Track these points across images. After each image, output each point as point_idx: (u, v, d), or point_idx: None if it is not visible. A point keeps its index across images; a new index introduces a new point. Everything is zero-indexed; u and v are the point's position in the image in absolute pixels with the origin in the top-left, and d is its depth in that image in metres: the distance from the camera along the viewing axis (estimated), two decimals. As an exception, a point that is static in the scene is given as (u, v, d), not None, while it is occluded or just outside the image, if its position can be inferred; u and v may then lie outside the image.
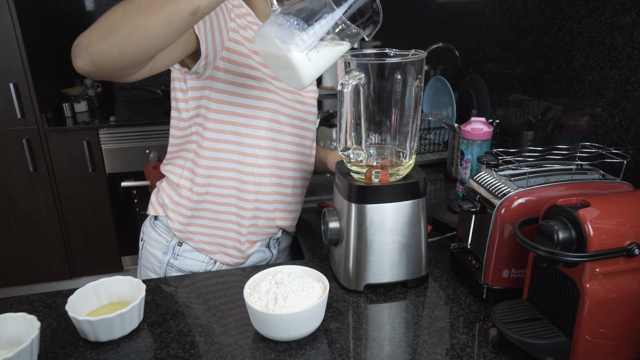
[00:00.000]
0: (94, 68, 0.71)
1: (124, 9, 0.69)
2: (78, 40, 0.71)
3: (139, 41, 0.69)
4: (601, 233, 0.65)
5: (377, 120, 0.89)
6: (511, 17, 1.41)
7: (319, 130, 2.20)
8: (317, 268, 1.00)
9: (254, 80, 0.99)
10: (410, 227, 0.88)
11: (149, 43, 0.70)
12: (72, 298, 0.81)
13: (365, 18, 0.74)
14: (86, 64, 0.70)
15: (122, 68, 0.73)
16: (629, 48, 1.00)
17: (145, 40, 0.70)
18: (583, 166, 0.89)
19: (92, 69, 0.71)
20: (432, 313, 0.85)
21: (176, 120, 1.05)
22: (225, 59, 0.95)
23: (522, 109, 1.39)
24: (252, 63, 0.98)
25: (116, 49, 0.69)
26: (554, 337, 0.70)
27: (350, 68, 0.83)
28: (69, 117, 2.64)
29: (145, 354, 0.76)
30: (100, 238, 2.70)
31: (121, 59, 0.71)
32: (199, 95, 0.99)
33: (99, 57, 0.70)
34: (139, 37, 0.69)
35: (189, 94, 0.99)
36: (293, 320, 0.75)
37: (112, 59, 0.70)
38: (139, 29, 0.69)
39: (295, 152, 1.10)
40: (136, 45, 0.70)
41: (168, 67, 0.89)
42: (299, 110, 1.08)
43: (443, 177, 1.54)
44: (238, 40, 0.96)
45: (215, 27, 0.90)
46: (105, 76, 0.74)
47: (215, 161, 1.02)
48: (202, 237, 1.07)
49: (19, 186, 2.52)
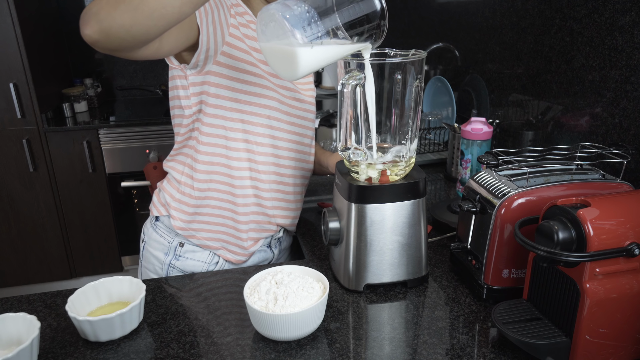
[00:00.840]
0: (103, 36, 0.68)
1: None
2: (87, 7, 0.68)
3: (152, 9, 0.66)
4: (601, 233, 0.65)
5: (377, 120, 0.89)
6: (511, 17, 1.41)
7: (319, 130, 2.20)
8: (317, 268, 1.00)
9: (253, 77, 0.99)
10: (410, 227, 0.88)
11: (162, 12, 0.67)
12: (72, 298, 0.81)
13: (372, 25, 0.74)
14: (94, 32, 0.67)
15: (132, 39, 0.70)
16: (629, 48, 1.00)
17: (158, 9, 0.67)
18: (583, 166, 0.89)
19: (100, 37, 0.68)
20: (432, 313, 0.85)
21: (179, 117, 1.05)
22: (226, 54, 0.95)
23: (522, 109, 1.39)
24: (251, 59, 0.98)
25: (128, 17, 0.66)
26: (554, 337, 0.70)
27: (350, 68, 0.83)
28: (69, 117, 2.64)
29: (145, 354, 0.76)
30: (100, 238, 2.70)
31: (132, 27, 0.67)
32: (199, 90, 0.99)
33: (109, 25, 0.66)
34: (152, 5, 0.66)
35: (191, 90, 0.99)
36: (293, 320, 0.75)
37: (122, 27, 0.67)
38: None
39: (294, 150, 1.10)
40: (148, 13, 0.67)
41: (171, 54, 0.89)
42: (297, 109, 1.08)
43: (443, 177, 1.54)
44: (238, 36, 0.96)
45: (217, 22, 0.90)
46: (113, 47, 0.71)
47: (213, 157, 1.02)
48: (205, 233, 1.07)
49: (19, 186, 2.52)
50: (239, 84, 0.98)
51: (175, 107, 1.05)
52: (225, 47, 0.95)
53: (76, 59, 3.00)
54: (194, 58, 0.92)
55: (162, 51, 0.84)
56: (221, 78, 0.97)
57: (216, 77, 0.97)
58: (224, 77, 0.97)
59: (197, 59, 0.92)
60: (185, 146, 1.06)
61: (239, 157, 1.03)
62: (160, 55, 0.85)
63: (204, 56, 0.92)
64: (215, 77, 0.97)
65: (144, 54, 0.78)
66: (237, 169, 1.03)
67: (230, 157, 1.02)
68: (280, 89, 1.04)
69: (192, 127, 1.03)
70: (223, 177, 1.04)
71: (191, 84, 0.99)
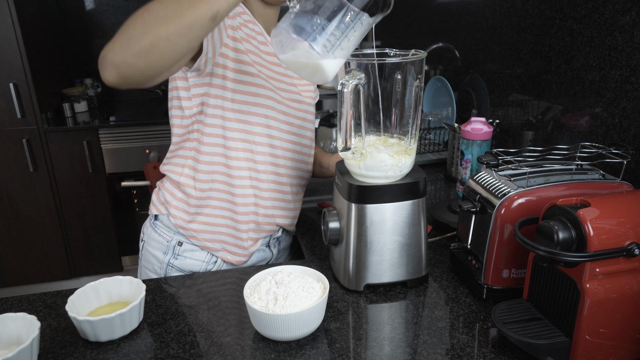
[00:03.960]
0: (121, 80, 0.73)
1: (143, 19, 0.71)
2: (103, 53, 0.73)
3: (162, 52, 0.71)
4: (601, 233, 0.65)
5: (377, 120, 0.89)
6: (511, 17, 1.41)
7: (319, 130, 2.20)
8: (317, 268, 1.00)
9: (250, 77, 1.00)
10: (410, 227, 0.88)
11: (172, 52, 0.72)
12: (72, 298, 0.81)
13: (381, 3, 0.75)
14: (113, 77, 0.72)
15: (148, 78, 0.75)
16: (629, 48, 1.00)
17: (168, 50, 0.71)
18: (583, 166, 0.89)
19: (119, 81, 0.73)
20: (432, 313, 0.85)
21: (178, 119, 1.05)
22: (224, 55, 0.96)
23: (522, 109, 1.39)
24: (248, 60, 0.99)
25: (141, 61, 0.71)
26: (554, 337, 0.70)
27: (350, 68, 0.83)
28: (69, 117, 2.64)
29: (145, 354, 0.76)
30: (100, 238, 2.70)
31: (147, 70, 0.72)
32: (201, 92, 0.99)
33: (125, 70, 0.72)
34: (162, 47, 0.71)
35: (192, 92, 1.00)
36: (293, 320, 0.75)
37: (137, 71, 0.72)
38: (162, 40, 0.70)
39: (293, 150, 1.10)
40: (159, 55, 0.71)
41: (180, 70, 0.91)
42: (296, 109, 1.08)
43: (443, 177, 1.54)
44: (235, 37, 0.97)
45: None
46: (131, 86, 0.76)
47: (214, 156, 1.03)
48: (205, 234, 1.07)
49: (19, 186, 2.52)
50: (237, 85, 0.99)
51: (174, 108, 1.05)
52: (223, 49, 0.96)
53: (76, 59, 3.00)
54: (196, 63, 0.92)
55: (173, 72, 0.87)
56: (221, 79, 0.98)
57: (217, 78, 0.98)
58: (223, 79, 0.98)
59: (199, 64, 0.93)
60: (182, 148, 1.06)
61: (238, 156, 1.03)
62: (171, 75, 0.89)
63: (204, 59, 0.93)
64: (216, 78, 0.98)
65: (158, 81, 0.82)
66: (236, 168, 1.03)
67: (229, 157, 1.03)
68: (279, 90, 1.04)
69: (191, 128, 1.03)
70: (223, 176, 1.04)
71: (192, 85, 0.99)
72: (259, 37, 1.03)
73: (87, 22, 2.95)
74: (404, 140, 0.89)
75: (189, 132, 1.04)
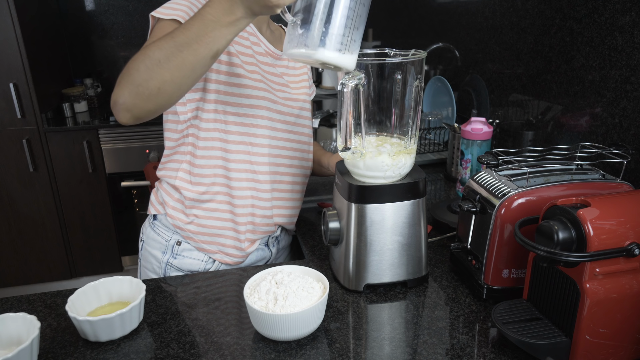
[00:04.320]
0: (135, 120, 0.81)
1: (146, 65, 0.75)
2: (114, 98, 0.79)
3: (169, 93, 0.78)
4: (601, 233, 0.65)
5: (377, 120, 0.89)
6: (511, 17, 1.41)
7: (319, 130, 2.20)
8: (317, 268, 1.00)
9: (245, 79, 1.00)
10: (410, 227, 0.88)
11: (179, 92, 0.79)
12: (72, 298, 0.81)
13: None
14: (128, 119, 0.80)
15: (160, 112, 0.83)
16: (629, 48, 1.00)
17: (175, 91, 0.78)
18: (583, 166, 0.89)
19: (134, 121, 0.81)
20: (432, 313, 0.85)
21: (173, 123, 1.05)
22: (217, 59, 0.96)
23: (522, 109, 1.39)
24: (238, 62, 1.00)
25: (151, 104, 0.78)
26: (554, 337, 0.70)
27: (350, 68, 0.83)
28: (69, 117, 2.64)
29: (145, 354, 0.76)
30: (100, 238, 2.70)
31: (157, 109, 0.80)
32: (196, 97, 1.00)
33: (138, 112, 0.79)
34: (169, 90, 0.77)
35: (187, 97, 1.00)
36: (293, 320, 0.75)
37: (149, 111, 0.80)
38: (168, 84, 0.76)
39: (292, 148, 1.10)
40: (168, 97, 0.78)
41: None
42: (291, 107, 1.09)
43: (443, 177, 1.54)
44: None
45: None
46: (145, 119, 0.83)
47: (211, 159, 1.03)
48: (202, 236, 1.07)
49: (19, 186, 2.52)
50: (232, 88, 1.00)
51: (169, 113, 1.05)
52: None
53: (76, 59, 3.00)
54: None
55: None
56: (214, 84, 0.99)
57: (210, 83, 0.99)
58: (217, 83, 0.99)
59: None
60: (177, 152, 1.06)
61: (236, 158, 1.03)
62: None
63: None
64: (209, 83, 0.99)
65: None
66: (235, 170, 1.03)
67: (228, 159, 1.03)
68: (273, 90, 1.05)
69: (186, 133, 1.03)
70: (222, 179, 1.04)
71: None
72: (252, 38, 1.03)
73: (87, 22, 2.95)
74: (404, 140, 0.89)
75: (184, 136, 1.04)
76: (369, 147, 0.87)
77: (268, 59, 1.06)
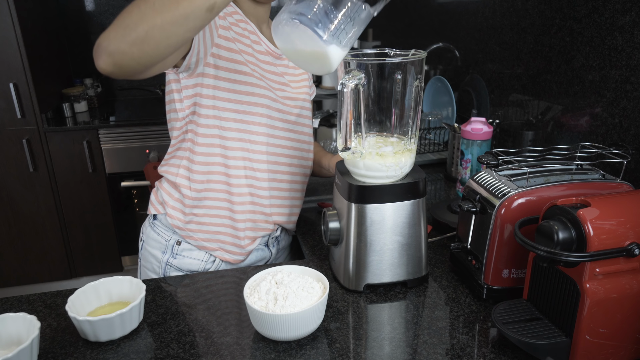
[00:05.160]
0: (116, 68, 0.73)
1: (139, 9, 0.70)
2: (98, 41, 0.72)
3: (157, 41, 0.71)
4: (601, 233, 0.65)
5: (377, 120, 0.89)
6: (511, 17, 1.41)
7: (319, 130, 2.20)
8: (317, 268, 1.00)
9: (244, 76, 1.00)
10: (410, 227, 0.88)
11: (167, 42, 0.72)
12: (72, 298, 0.81)
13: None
14: (107, 65, 0.72)
15: (142, 67, 0.74)
16: (629, 48, 1.00)
17: (163, 40, 0.71)
18: (583, 166, 0.89)
19: (113, 69, 0.73)
20: (432, 313, 0.85)
21: (174, 121, 1.06)
22: (215, 55, 0.96)
23: (522, 109, 1.39)
24: (241, 59, 1.00)
25: (136, 49, 0.71)
26: (554, 337, 0.70)
27: (350, 68, 0.83)
28: (69, 117, 2.64)
29: (145, 354, 0.76)
30: (100, 238, 2.70)
31: (141, 58, 0.72)
32: (192, 93, 1.00)
33: (120, 58, 0.71)
34: (157, 36, 0.70)
35: (184, 93, 1.00)
36: (293, 320, 0.75)
37: (132, 59, 0.72)
38: (157, 29, 0.70)
39: (292, 147, 1.10)
40: (154, 44, 0.71)
41: (174, 64, 0.91)
42: (291, 107, 1.09)
43: (443, 177, 1.54)
44: (227, 37, 0.98)
45: None
46: (125, 75, 0.75)
47: (210, 157, 1.03)
48: (202, 234, 1.08)
49: (19, 186, 2.51)
50: (231, 84, 0.99)
51: (171, 111, 1.06)
52: (215, 49, 0.96)
53: (76, 59, 3.00)
54: (185, 61, 0.92)
55: (167, 65, 0.88)
56: (213, 79, 0.98)
57: (208, 78, 0.98)
58: (215, 79, 0.98)
59: (189, 62, 0.93)
60: (179, 149, 1.06)
61: (235, 155, 1.03)
62: (165, 68, 0.90)
63: (195, 59, 0.93)
64: (207, 78, 0.98)
65: (152, 72, 0.82)
66: (233, 167, 1.03)
67: (226, 156, 1.03)
68: (273, 89, 1.05)
69: (185, 130, 1.04)
70: (220, 176, 1.04)
71: (184, 87, 1.00)
72: (252, 37, 1.03)
73: (87, 22, 2.95)
74: (404, 140, 0.89)
75: (184, 132, 1.04)
76: (368, 147, 0.87)
77: (268, 57, 1.06)
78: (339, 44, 0.71)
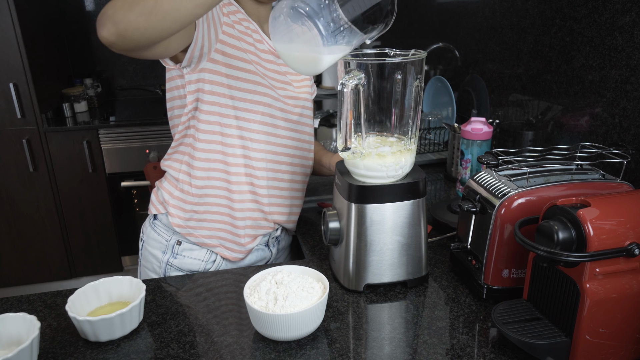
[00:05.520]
0: (119, 38, 0.70)
1: None
2: (104, 9, 0.70)
3: (165, 12, 0.68)
4: (601, 233, 0.65)
5: (377, 120, 0.89)
6: (511, 17, 1.41)
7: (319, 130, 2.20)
8: (317, 268, 1.00)
9: (247, 74, 1.00)
10: (410, 227, 0.88)
11: (175, 15, 0.69)
12: (72, 298, 0.81)
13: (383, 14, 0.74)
14: (111, 34, 0.69)
15: (146, 40, 0.72)
16: (629, 48, 1.00)
17: (171, 12, 0.69)
18: (583, 166, 0.89)
19: (117, 39, 0.70)
20: (432, 313, 0.85)
21: (177, 117, 1.05)
22: (220, 51, 0.97)
23: (522, 109, 1.39)
24: (245, 57, 1.00)
25: (142, 20, 0.68)
26: (554, 337, 0.70)
27: (350, 68, 0.83)
28: (69, 117, 2.64)
29: (145, 354, 0.76)
30: (100, 238, 2.69)
31: (147, 30, 0.69)
32: (195, 88, 1.00)
33: (124, 27, 0.68)
34: (165, 8, 0.68)
35: (187, 88, 1.00)
36: (293, 320, 0.75)
37: (137, 30, 0.69)
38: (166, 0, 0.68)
39: (292, 146, 1.10)
40: (162, 16, 0.69)
41: (176, 52, 0.90)
42: (293, 106, 1.09)
43: (443, 177, 1.54)
44: (232, 34, 0.98)
45: (210, 19, 0.92)
46: (128, 48, 0.73)
47: (210, 153, 1.03)
48: (203, 231, 1.08)
49: (19, 186, 2.51)
50: (233, 81, 0.99)
51: (174, 108, 1.06)
52: (219, 45, 0.96)
53: (76, 59, 3.00)
54: (187, 54, 0.92)
55: (170, 50, 0.87)
56: (216, 75, 0.98)
57: (211, 74, 0.98)
58: (218, 75, 0.98)
59: (191, 55, 0.93)
60: (182, 144, 1.06)
61: (235, 153, 1.03)
62: (167, 54, 0.88)
63: (198, 53, 0.93)
64: (210, 74, 0.98)
65: (154, 53, 0.80)
66: (233, 165, 1.03)
67: (226, 153, 1.03)
68: (275, 88, 1.04)
69: (188, 125, 1.04)
70: (220, 173, 1.04)
71: (187, 82, 1.00)
72: (255, 35, 1.03)
73: (87, 22, 2.95)
74: (404, 140, 0.89)
75: (186, 127, 1.04)
76: (368, 147, 0.87)
77: (271, 56, 1.06)
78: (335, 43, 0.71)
